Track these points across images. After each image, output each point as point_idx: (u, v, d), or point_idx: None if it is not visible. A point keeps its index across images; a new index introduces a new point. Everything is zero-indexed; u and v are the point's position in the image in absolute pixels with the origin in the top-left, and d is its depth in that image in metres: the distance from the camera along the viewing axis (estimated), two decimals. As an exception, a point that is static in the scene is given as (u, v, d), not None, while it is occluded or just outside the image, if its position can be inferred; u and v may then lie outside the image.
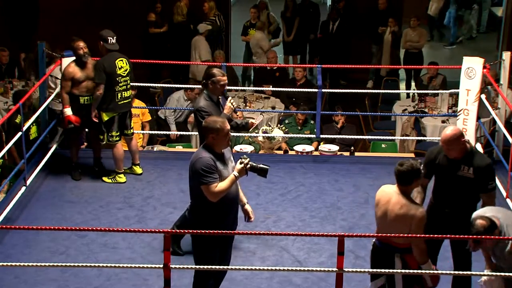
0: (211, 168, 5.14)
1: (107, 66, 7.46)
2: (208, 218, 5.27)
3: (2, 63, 11.31)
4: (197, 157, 5.22)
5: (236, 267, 6.06)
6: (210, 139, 5.21)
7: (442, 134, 5.48)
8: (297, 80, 10.94)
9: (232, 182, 5.21)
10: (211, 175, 5.13)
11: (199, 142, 6.43)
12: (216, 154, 5.22)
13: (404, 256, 5.10)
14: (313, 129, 9.37)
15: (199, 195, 5.22)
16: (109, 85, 7.48)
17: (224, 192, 5.18)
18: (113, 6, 13.43)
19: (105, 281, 6.06)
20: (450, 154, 5.46)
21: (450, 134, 5.42)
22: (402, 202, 5.04)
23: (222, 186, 5.16)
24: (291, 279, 6.12)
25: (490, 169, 5.50)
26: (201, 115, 6.02)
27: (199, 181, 5.15)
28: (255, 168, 5.28)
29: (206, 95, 6.17)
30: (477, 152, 5.58)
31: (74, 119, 7.63)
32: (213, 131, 5.18)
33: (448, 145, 5.43)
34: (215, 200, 5.17)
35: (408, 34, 12.74)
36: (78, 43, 7.60)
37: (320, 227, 6.99)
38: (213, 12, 12.82)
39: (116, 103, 7.57)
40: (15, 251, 6.45)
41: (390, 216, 5.07)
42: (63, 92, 7.62)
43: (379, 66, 12.89)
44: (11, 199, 7.20)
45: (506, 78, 8.11)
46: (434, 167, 5.59)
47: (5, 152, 7.30)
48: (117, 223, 6.98)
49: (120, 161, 7.74)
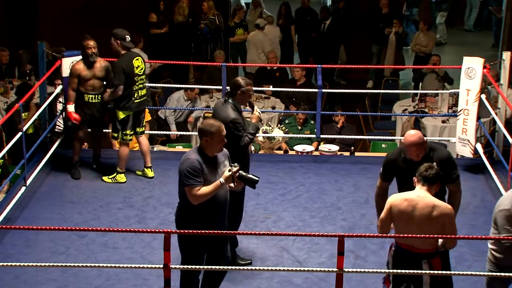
0: (196, 171, 5.11)
1: (126, 67, 7.45)
2: (193, 220, 5.25)
3: (2, 63, 11.31)
4: (185, 158, 5.21)
5: (236, 267, 6.06)
6: (204, 141, 5.19)
7: (409, 139, 5.45)
8: (297, 80, 10.94)
9: (216, 188, 5.14)
10: (195, 178, 5.11)
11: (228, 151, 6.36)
12: (206, 157, 5.19)
13: (431, 261, 5.09)
14: (313, 129, 9.37)
15: (185, 195, 5.22)
16: (127, 84, 7.48)
17: (206, 196, 5.13)
18: (113, 6, 13.42)
19: (105, 281, 6.06)
20: (418, 156, 5.46)
21: (417, 137, 5.45)
22: (430, 204, 4.99)
23: (205, 191, 5.12)
24: (291, 279, 6.11)
25: (451, 158, 5.60)
26: (235, 127, 5.92)
27: (183, 182, 5.15)
28: (243, 178, 5.22)
29: (232, 105, 6.05)
30: (432, 146, 5.61)
31: (74, 117, 7.63)
32: (208, 134, 5.15)
33: (419, 148, 5.45)
34: (195, 203, 5.14)
35: (418, 37, 12.76)
36: (88, 42, 7.60)
37: (320, 227, 6.99)
38: (212, 12, 12.82)
39: (133, 102, 7.58)
40: (15, 251, 6.44)
41: (419, 221, 4.99)
42: (69, 88, 7.64)
43: (381, 66, 12.90)
44: (11, 199, 7.20)
45: (506, 78, 8.11)
46: (395, 170, 5.61)
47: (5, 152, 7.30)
48: (117, 223, 6.98)
49: (124, 160, 7.74)
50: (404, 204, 5.03)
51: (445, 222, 4.99)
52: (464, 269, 6.01)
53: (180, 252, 5.40)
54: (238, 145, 5.93)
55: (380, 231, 5.24)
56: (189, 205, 5.21)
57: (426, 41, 12.68)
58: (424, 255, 5.06)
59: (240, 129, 5.95)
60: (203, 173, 5.14)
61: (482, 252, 6.40)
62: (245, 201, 7.32)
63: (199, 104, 10.40)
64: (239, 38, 13.03)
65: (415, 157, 5.47)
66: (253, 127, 6.10)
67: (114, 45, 7.52)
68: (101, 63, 7.70)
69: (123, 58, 7.51)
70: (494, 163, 8.02)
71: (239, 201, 6.12)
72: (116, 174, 7.77)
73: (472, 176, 7.89)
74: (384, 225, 5.19)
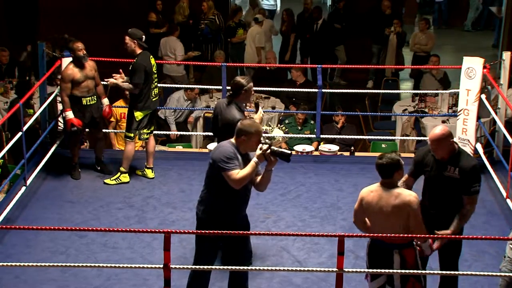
0: (232, 156, 5.23)
1: (147, 66, 7.45)
2: (217, 211, 5.34)
3: (2, 63, 11.31)
4: (217, 147, 5.36)
5: (236, 267, 6.05)
6: (241, 139, 5.29)
7: (431, 133, 5.45)
8: (296, 80, 10.93)
9: (253, 168, 5.25)
10: (232, 162, 5.21)
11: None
12: (239, 152, 5.32)
13: (402, 252, 5.11)
14: (313, 129, 9.36)
15: (214, 185, 5.29)
16: (146, 83, 7.47)
17: (247, 178, 5.24)
18: (113, 6, 13.44)
19: (105, 281, 6.06)
20: (437, 154, 5.42)
21: (439, 133, 5.39)
22: (394, 193, 5.04)
23: (244, 173, 5.23)
24: (291, 279, 6.12)
25: (475, 171, 5.43)
26: None
27: (220, 168, 5.21)
28: (275, 152, 5.26)
29: (236, 105, 6.15)
30: (464, 153, 5.52)
31: (77, 122, 7.61)
32: (247, 133, 5.26)
33: (436, 145, 5.39)
34: (238, 187, 5.23)
35: (417, 37, 12.75)
36: (77, 44, 7.56)
37: (320, 227, 6.99)
38: (211, 12, 12.82)
39: (151, 101, 7.59)
40: (15, 251, 6.45)
41: (386, 211, 5.05)
42: (64, 95, 7.58)
43: (380, 66, 12.90)
44: (11, 199, 7.20)
45: (506, 78, 8.10)
46: (421, 167, 5.56)
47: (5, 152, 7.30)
48: (117, 223, 6.98)
49: (128, 160, 7.72)
50: (371, 195, 5.11)
51: (409, 211, 5.00)
52: (464, 269, 6.00)
53: (196, 247, 5.47)
54: None
55: (355, 223, 5.34)
56: (215, 195, 5.32)
57: (425, 40, 12.68)
58: (396, 245, 5.09)
59: None
60: (237, 159, 5.26)
61: (482, 252, 6.43)
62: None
63: (199, 104, 10.39)
64: (239, 38, 13.04)
65: (435, 153, 5.44)
66: None
67: (130, 44, 7.47)
68: (89, 63, 7.67)
69: (142, 57, 7.48)
70: (494, 163, 8.02)
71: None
72: (119, 174, 7.76)
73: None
74: (357, 216, 5.30)
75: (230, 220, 5.37)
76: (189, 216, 7.11)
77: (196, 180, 7.86)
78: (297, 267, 6.18)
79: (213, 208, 5.36)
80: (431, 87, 10.97)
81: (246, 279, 5.63)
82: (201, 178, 7.79)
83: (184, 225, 6.95)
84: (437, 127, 5.48)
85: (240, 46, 13.06)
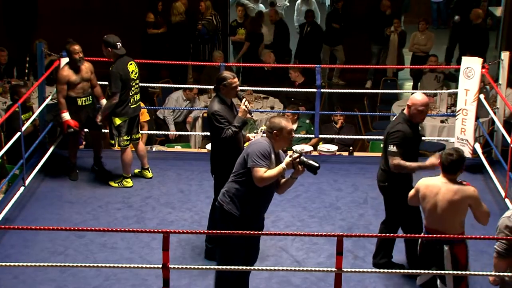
0: (266, 154, 5.25)
1: (123, 74, 7.35)
2: (243, 209, 5.35)
3: (1, 63, 11.30)
4: (255, 141, 5.40)
5: (236, 267, 6.05)
6: (274, 135, 5.33)
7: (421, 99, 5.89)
8: (295, 81, 10.93)
9: (280, 172, 5.28)
10: (264, 160, 5.24)
11: (211, 145, 6.35)
12: (273, 151, 5.34)
13: (453, 249, 5.23)
14: (309, 128, 9.35)
15: (246, 181, 5.31)
16: (123, 90, 7.39)
17: (270, 180, 5.27)
18: (112, 6, 13.43)
19: (104, 281, 6.06)
20: (423, 117, 5.96)
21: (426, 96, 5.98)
22: (454, 188, 5.18)
23: (270, 173, 5.26)
24: (290, 279, 6.11)
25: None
26: (216, 119, 6.00)
27: (251, 161, 5.23)
28: (304, 163, 5.29)
29: (219, 99, 6.12)
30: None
31: (73, 123, 7.60)
32: (277, 128, 5.30)
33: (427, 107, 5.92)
34: (260, 185, 5.26)
35: (416, 37, 12.76)
36: (74, 47, 7.51)
37: (319, 227, 6.99)
38: (209, 12, 12.81)
39: (129, 107, 7.50)
40: (13, 251, 6.44)
41: (442, 206, 5.18)
42: (60, 96, 7.55)
43: (379, 66, 12.90)
44: (9, 199, 7.19)
45: (505, 78, 8.11)
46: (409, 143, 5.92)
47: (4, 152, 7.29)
48: (116, 223, 6.97)
49: (128, 166, 7.69)
50: (429, 189, 5.27)
51: (470, 203, 5.18)
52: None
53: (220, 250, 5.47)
54: (220, 137, 6.00)
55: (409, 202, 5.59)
56: (243, 191, 5.33)
57: (425, 40, 12.68)
58: (448, 241, 5.21)
59: (221, 121, 5.98)
60: (270, 159, 5.28)
61: (481, 252, 6.43)
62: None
63: (198, 104, 10.39)
64: (240, 38, 13.03)
65: (423, 118, 5.97)
66: (238, 120, 6.07)
67: (106, 52, 7.42)
68: (85, 65, 7.64)
69: (118, 64, 7.38)
70: (492, 163, 8.02)
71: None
72: (122, 179, 7.74)
73: (470, 176, 7.87)
74: (411, 202, 5.55)
75: (252, 219, 5.40)
76: (187, 216, 7.12)
77: (195, 180, 7.86)
78: (296, 267, 6.18)
79: (239, 203, 5.35)
80: (431, 87, 10.96)
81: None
82: (200, 178, 7.87)
83: (183, 225, 6.95)
84: (417, 93, 6.01)
85: (241, 46, 13.05)
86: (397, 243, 6.49)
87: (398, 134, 5.85)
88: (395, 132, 5.87)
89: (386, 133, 5.98)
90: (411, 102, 5.94)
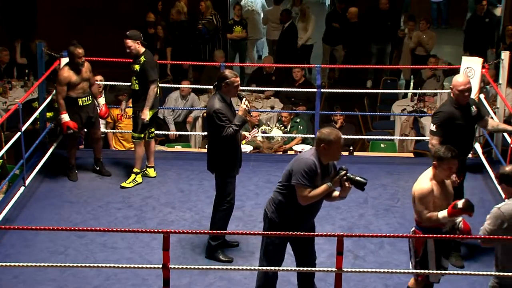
0: (312, 173, 5.18)
1: (155, 63, 7.45)
2: (290, 217, 5.35)
3: (3, 62, 11.31)
4: (302, 156, 5.28)
5: (236, 267, 6.06)
6: (322, 148, 5.22)
7: (460, 81, 6.14)
8: (295, 81, 10.93)
9: (325, 191, 5.24)
10: (310, 179, 5.18)
11: (207, 144, 6.37)
12: (320, 163, 5.24)
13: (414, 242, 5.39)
14: (304, 127, 9.33)
15: (290, 193, 5.28)
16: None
17: (315, 199, 5.25)
18: (112, 6, 13.43)
19: (104, 281, 6.06)
20: (467, 98, 6.17)
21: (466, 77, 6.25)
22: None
23: (315, 192, 5.22)
24: (290, 279, 6.11)
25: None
26: (218, 117, 6.00)
27: (295, 179, 5.19)
28: (351, 180, 5.23)
29: (219, 97, 6.11)
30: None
31: (73, 125, 7.59)
32: (326, 141, 5.19)
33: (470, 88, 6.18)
34: (303, 204, 5.24)
35: (418, 36, 12.73)
36: (78, 51, 7.48)
37: (319, 227, 6.95)
38: (209, 11, 12.81)
39: (158, 99, 7.57)
40: (14, 251, 6.44)
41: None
42: (60, 97, 7.54)
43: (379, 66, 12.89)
44: (10, 199, 7.19)
45: (505, 77, 8.11)
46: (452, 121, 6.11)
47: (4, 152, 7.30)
48: (116, 223, 6.97)
49: (140, 160, 7.69)
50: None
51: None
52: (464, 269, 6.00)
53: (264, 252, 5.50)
54: (221, 136, 6.00)
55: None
56: (287, 203, 5.32)
57: (426, 39, 12.67)
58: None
59: (223, 120, 5.99)
60: (316, 176, 5.20)
61: (481, 252, 6.41)
62: (244, 201, 7.35)
63: (197, 104, 10.39)
64: (236, 35, 13.03)
65: (466, 99, 6.15)
66: (239, 119, 6.08)
67: (134, 46, 7.39)
68: (84, 65, 7.65)
69: (148, 54, 7.45)
70: (492, 162, 8.02)
71: None
72: (134, 176, 7.71)
73: (470, 176, 7.85)
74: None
75: (298, 226, 5.37)
76: (188, 216, 7.12)
77: (195, 180, 7.86)
78: (296, 267, 6.17)
79: (284, 213, 5.36)
80: (431, 87, 10.96)
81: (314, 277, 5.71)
82: (200, 178, 7.86)
83: (183, 225, 6.95)
84: (458, 75, 6.31)
85: (239, 44, 13.05)
86: (397, 243, 6.50)
87: (439, 115, 6.15)
88: (438, 113, 6.17)
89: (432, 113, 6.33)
90: (452, 84, 6.18)
